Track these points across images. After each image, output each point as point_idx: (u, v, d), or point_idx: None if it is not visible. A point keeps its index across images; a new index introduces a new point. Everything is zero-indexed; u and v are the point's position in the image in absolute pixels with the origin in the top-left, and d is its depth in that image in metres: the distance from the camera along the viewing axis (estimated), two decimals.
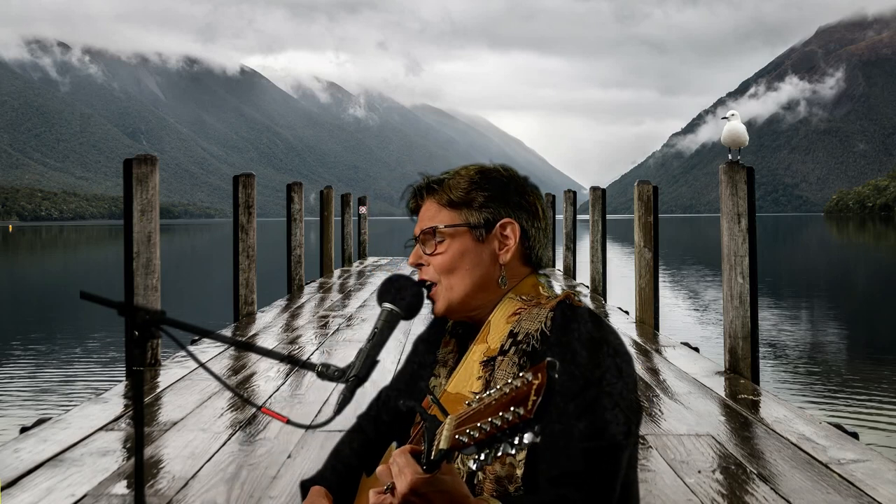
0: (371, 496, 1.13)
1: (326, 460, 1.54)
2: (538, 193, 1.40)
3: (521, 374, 0.95)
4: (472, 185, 1.36)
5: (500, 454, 0.95)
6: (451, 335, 1.44)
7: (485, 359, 1.30)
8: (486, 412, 0.96)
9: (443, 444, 1.01)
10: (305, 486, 1.49)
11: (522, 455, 1.20)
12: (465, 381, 1.31)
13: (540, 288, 1.36)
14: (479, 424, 0.95)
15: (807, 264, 31.87)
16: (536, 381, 0.92)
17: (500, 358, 1.28)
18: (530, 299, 1.34)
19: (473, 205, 1.35)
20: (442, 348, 1.44)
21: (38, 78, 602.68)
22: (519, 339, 1.28)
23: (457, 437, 0.98)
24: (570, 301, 1.30)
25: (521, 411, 0.91)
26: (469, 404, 1.00)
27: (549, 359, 0.93)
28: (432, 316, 1.43)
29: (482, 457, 0.96)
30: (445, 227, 1.34)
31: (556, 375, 0.92)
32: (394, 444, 1.42)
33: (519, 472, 1.21)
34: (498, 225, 1.35)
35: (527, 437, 0.92)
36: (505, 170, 1.39)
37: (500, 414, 0.93)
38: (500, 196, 1.36)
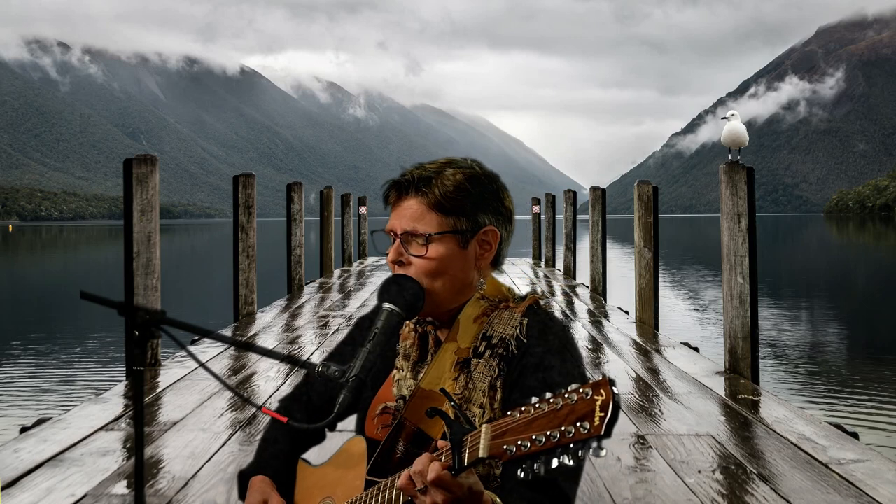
0: (402, 478, 1.16)
1: (259, 448, 1.56)
2: (510, 195, 1.45)
3: (576, 388, 0.97)
4: (461, 191, 1.38)
5: (553, 466, 0.97)
6: (413, 330, 1.46)
7: (459, 360, 1.35)
8: (536, 425, 0.99)
9: (482, 453, 1.04)
10: (245, 476, 1.51)
11: None
12: (437, 378, 1.36)
13: (502, 288, 1.42)
14: (532, 437, 0.98)
15: (807, 264, 31.86)
16: (600, 398, 0.95)
17: (475, 360, 1.34)
18: (498, 301, 1.40)
19: (461, 211, 1.37)
20: (402, 341, 1.46)
21: (38, 78, 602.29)
22: (494, 342, 1.35)
23: (504, 447, 1.01)
24: (538, 306, 1.39)
25: (588, 426, 0.94)
26: (510, 414, 1.03)
27: (608, 376, 0.97)
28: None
29: (535, 466, 0.99)
30: (436, 234, 1.36)
31: (617, 391, 0.96)
32: (360, 438, 1.40)
33: (497, 472, 1.29)
34: (481, 232, 1.39)
35: (591, 451, 0.95)
36: (483, 171, 1.42)
37: (562, 427, 0.96)
38: (484, 203, 1.39)
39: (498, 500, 1.19)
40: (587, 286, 12.18)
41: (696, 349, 6.56)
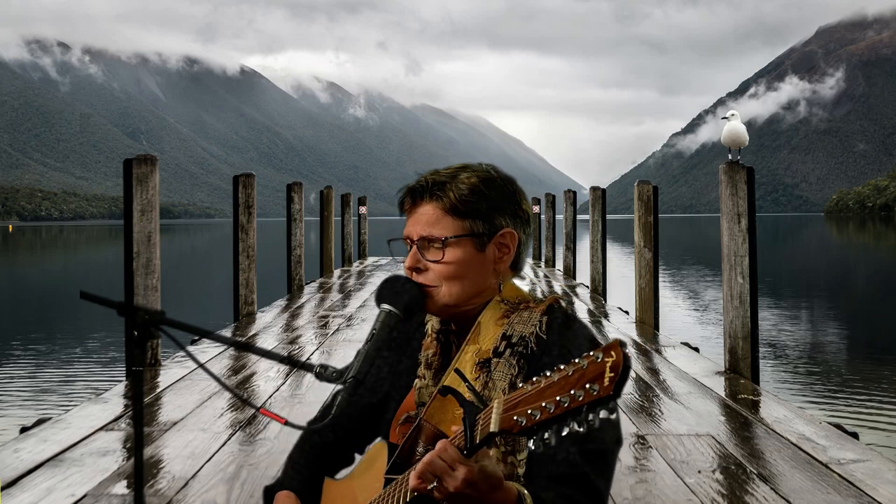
0: (412, 479, 1.13)
1: (286, 465, 1.54)
2: (527, 198, 1.45)
3: (587, 354, 0.97)
4: (475, 194, 1.37)
5: (564, 433, 0.97)
6: (436, 339, 1.45)
7: (479, 360, 1.34)
8: (546, 393, 0.98)
9: (493, 427, 1.03)
10: (270, 492, 1.49)
11: (524, 455, 1.26)
12: (457, 379, 1.34)
13: (521, 292, 1.41)
14: (542, 405, 0.97)
15: (807, 264, 31.85)
16: (611, 359, 0.95)
17: (495, 360, 1.33)
18: (518, 302, 1.39)
19: (477, 214, 1.37)
20: (424, 351, 1.45)
21: (38, 78, 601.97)
22: (514, 341, 1.33)
23: (515, 418, 1.00)
24: (559, 305, 1.38)
25: (597, 388, 0.94)
26: (521, 387, 1.03)
27: (617, 339, 0.97)
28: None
29: (546, 436, 0.98)
30: (453, 237, 1.35)
31: (627, 351, 0.95)
32: (382, 442, 1.41)
33: (520, 471, 1.26)
34: (498, 234, 1.38)
35: (602, 413, 0.95)
36: (499, 175, 1.42)
37: (571, 392, 0.95)
38: (500, 205, 1.39)
39: (525, 491, 1.18)
40: (587, 286, 12.19)
41: (696, 349, 6.56)
